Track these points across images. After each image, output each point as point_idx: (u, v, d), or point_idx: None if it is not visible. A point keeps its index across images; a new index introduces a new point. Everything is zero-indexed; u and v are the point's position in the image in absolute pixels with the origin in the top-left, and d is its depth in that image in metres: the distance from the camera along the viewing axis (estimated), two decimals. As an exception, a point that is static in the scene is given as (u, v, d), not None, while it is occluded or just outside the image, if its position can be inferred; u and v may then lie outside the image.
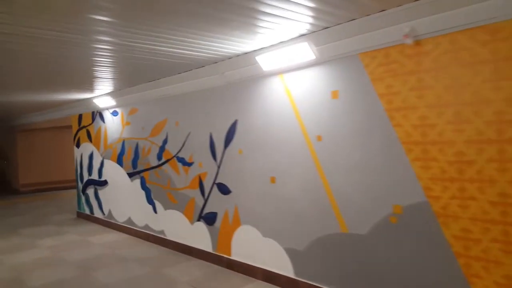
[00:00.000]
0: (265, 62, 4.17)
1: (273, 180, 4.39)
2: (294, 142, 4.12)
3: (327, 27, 3.52)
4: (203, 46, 3.95)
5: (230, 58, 4.49)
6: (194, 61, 4.57)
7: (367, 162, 3.48)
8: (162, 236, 6.29)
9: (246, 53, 4.27)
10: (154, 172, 6.39)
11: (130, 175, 7.02)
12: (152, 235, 6.51)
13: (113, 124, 7.46)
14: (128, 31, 3.34)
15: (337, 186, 3.72)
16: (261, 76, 4.43)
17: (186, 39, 3.66)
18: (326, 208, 3.82)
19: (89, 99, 7.73)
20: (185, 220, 5.77)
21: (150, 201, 6.56)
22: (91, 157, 8.34)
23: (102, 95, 7.26)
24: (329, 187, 3.79)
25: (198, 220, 5.53)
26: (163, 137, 6.14)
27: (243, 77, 4.59)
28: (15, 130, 13.28)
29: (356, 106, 3.54)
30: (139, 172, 6.78)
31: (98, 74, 5.25)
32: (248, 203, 4.73)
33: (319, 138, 3.87)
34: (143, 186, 6.70)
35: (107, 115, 7.65)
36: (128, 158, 7.06)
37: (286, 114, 4.18)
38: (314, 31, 3.61)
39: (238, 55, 4.38)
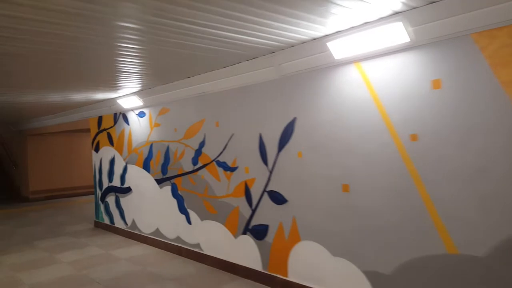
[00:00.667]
0: (338, 49, 3.52)
1: (346, 188, 3.71)
2: (375, 143, 3.44)
3: (431, 2, 2.86)
4: (263, 32, 3.31)
5: (292, 46, 3.83)
6: (248, 50, 3.92)
7: (485, 167, 2.80)
8: (198, 250, 5.61)
9: (314, 39, 3.62)
10: (188, 178, 5.72)
11: (159, 181, 6.35)
12: (185, 248, 5.83)
13: (139, 126, 6.81)
14: (163, 12, 2.67)
15: (441, 196, 3.04)
16: (331, 66, 3.78)
17: (242, 22, 3.02)
18: (425, 224, 3.13)
19: (112, 100, 7.09)
20: (227, 233, 5.09)
21: (183, 210, 5.88)
22: (112, 162, 7.68)
23: (127, 95, 6.63)
24: (429, 198, 3.10)
25: (244, 233, 4.85)
26: (200, 140, 5.48)
27: (305, 68, 3.94)
28: (25, 134, 12.67)
29: (468, 98, 2.87)
30: (169, 178, 6.11)
31: (123, 70, 4.62)
32: (311, 214, 4.05)
33: (413, 137, 3.19)
34: (175, 193, 6.03)
35: (132, 116, 7.01)
36: (156, 163, 6.40)
37: (363, 109, 3.51)
38: (413, 7, 2.95)
39: (303, 42, 3.72)
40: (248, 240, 4.81)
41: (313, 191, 4.02)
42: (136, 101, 6.56)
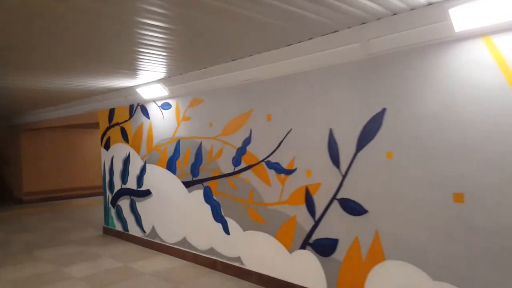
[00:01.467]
0: (461, 18, 2.72)
1: (459, 198, 2.93)
2: (508, 144, 2.66)
3: None
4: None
5: (394, 15, 3.03)
6: (326, 21, 3.11)
7: None
8: (238, 265, 4.77)
9: (430, 3, 2.82)
10: (227, 181, 4.89)
11: (188, 184, 5.50)
12: (222, 262, 4.99)
13: (162, 120, 5.96)
14: None
15: None
16: (445, 42, 2.99)
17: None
18: None
19: (129, 89, 6.23)
20: (279, 246, 4.28)
21: (218, 218, 5.04)
22: (126, 161, 6.79)
23: (149, 83, 5.77)
24: None
25: (303, 248, 4.04)
26: (244, 136, 4.65)
27: (406, 44, 3.15)
28: (19, 129, 11.64)
29: None
30: (202, 181, 5.27)
31: (146, 49, 3.78)
32: (402, 229, 3.28)
33: None
34: (208, 198, 5.19)
35: (153, 108, 6.15)
36: (185, 163, 5.54)
37: (493, 99, 2.74)
38: None
39: (412, 9, 2.93)
40: (308, 256, 4.00)
41: (408, 201, 3.24)
42: (160, 90, 5.71)
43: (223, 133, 4.98)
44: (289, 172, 4.18)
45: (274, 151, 4.34)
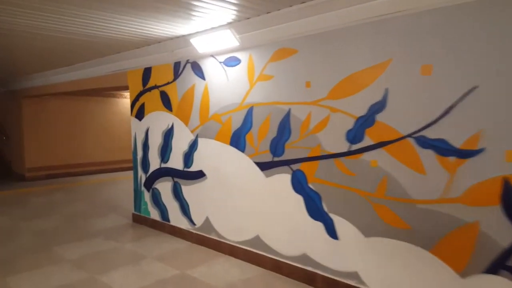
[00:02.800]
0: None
1: None
2: None
3: None
4: None
5: None
6: None
7: None
8: (354, 284, 3.35)
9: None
10: (335, 164, 3.45)
11: (265, 165, 4.04)
12: (323, 276, 3.60)
13: (225, 81, 4.44)
14: None
15: None
16: None
17: None
18: None
19: (176, 40, 4.73)
20: (439, 265, 2.86)
21: (318, 214, 3.61)
22: (168, 134, 5.30)
23: (208, 30, 4.21)
24: None
25: (491, 272, 2.61)
26: (373, 98, 3.17)
27: None
28: (19, 96, 9.99)
29: None
30: (289, 162, 3.80)
31: None
32: None
33: None
34: (300, 186, 3.74)
35: (211, 66, 4.62)
36: (260, 137, 4.07)
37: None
38: None
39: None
40: (501, 286, 2.57)
41: None
42: (227, 40, 4.16)
43: (330, 95, 3.47)
44: (467, 154, 2.71)
45: (435, 121, 2.84)
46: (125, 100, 11.96)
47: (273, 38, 3.88)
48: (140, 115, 5.88)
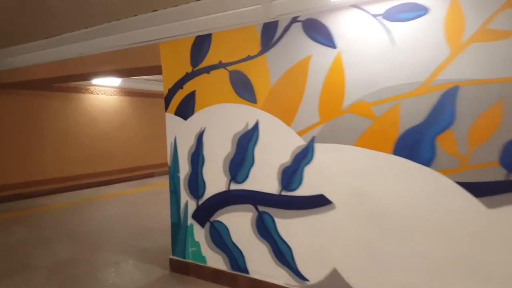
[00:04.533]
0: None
1: None
2: None
3: None
4: None
5: None
6: None
7: None
8: None
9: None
10: None
11: (486, 188, 2.46)
12: None
13: (386, 47, 2.71)
14: None
15: None
16: None
17: None
18: None
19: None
20: None
21: None
22: (247, 138, 3.46)
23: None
24: None
25: None
26: None
27: None
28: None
29: None
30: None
31: None
32: None
33: None
34: None
35: (351, 23, 2.87)
36: (476, 138, 2.47)
37: None
38: None
39: None
40: None
41: None
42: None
43: None
44: None
45: None
46: (92, 97, 9.49)
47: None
48: (185, 110, 3.85)
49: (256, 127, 3.40)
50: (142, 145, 11.03)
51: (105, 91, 9.87)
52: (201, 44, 3.68)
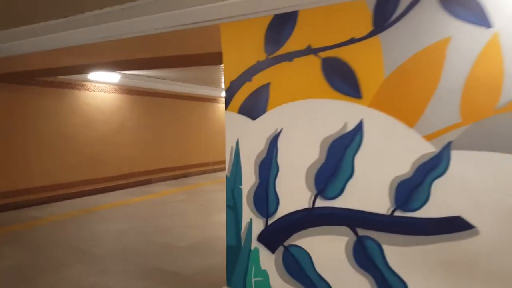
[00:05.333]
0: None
1: None
2: None
3: None
4: None
5: None
6: None
7: None
8: None
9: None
10: None
11: None
12: None
13: None
14: None
15: None
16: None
17: None
18: None
19: None
20: None
21: None
22: (342, 144, 2.82)
23: None
24: None
25: None
26: None
27: None
28: None
29: None
30: None
31: None
32: None
33: None
34: None
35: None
36: None
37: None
38: None
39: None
40: None
41: None
42: None
43: None
44: None
45: None
46: (88, 94, 8.51)
47: None
48: (253, 108, 3.10)
49: (359, 128, 2.68)
50: (140, 149, 10.08)
51: (102, 88, 8.89)
52: (281, 25, 2.94)
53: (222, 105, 13.55)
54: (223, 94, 14.30)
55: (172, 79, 10.01)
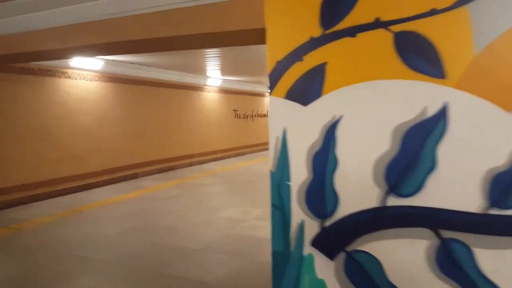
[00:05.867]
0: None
1: None
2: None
3: None
4: None
5: None
6: None
7: None
8: None
9: None
10: None
11: None
12: None
13: None
14: None
15: None
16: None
17: None
18: None
19: None
20: None
21: None
22: (420, 131, 2.47)
23: None
24: None
25: None
26: None
27: None
28: None
29: None
30: None
31: None
32: None
33: None
34: None
35: None
36: None
37: None
38: None
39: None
40: None
41: None
42: None
43: None
44: None
45: None
46: (69, 82, 7.75)
47: None
48: (305, 92, 2.68)
49: (441, 114, 2.30)
50: (126, 141, 9.39)
51: (84, 75, 8.13)
52: (344, -5, 2.49)
53: (207, 94, 12.94)
54: (208, 82, 13.71)
55: (157, 66, 9.34)
